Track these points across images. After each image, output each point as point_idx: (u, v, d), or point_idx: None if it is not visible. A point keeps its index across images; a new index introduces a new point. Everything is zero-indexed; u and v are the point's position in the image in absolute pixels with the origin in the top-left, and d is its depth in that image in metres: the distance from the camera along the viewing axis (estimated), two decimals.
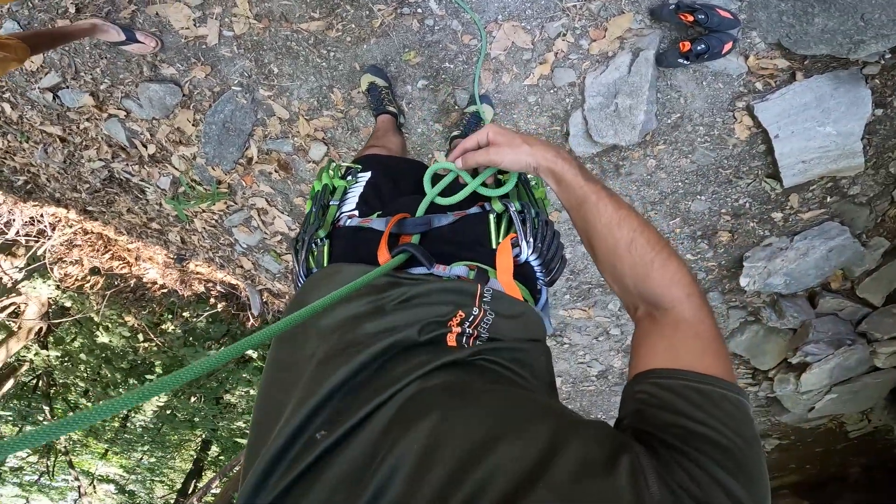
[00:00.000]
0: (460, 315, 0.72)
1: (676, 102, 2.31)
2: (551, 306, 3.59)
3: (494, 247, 0.91)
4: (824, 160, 2.32)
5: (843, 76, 2.14)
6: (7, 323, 6.98)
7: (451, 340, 0.69)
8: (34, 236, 4.68)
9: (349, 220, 1.03)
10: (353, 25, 2.24)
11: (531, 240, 0.91)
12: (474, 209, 0.98)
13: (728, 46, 2.03)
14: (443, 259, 0.86)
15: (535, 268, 0.95)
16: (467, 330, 0.71)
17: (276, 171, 2.92)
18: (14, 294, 6.33)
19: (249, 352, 6.00)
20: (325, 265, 0.95)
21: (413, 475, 0.47)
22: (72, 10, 2.33)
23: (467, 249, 0.90)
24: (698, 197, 2.66)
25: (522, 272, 0.91)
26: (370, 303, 0.76)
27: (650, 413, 0.56)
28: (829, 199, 2.59)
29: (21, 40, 1.83)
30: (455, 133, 2.44)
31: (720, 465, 0.47)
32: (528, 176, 1.09)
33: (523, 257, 0.91)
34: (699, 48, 1.99)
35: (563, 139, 2.47)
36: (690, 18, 1.97)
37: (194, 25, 2.34)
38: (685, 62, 2.09)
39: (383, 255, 0.87)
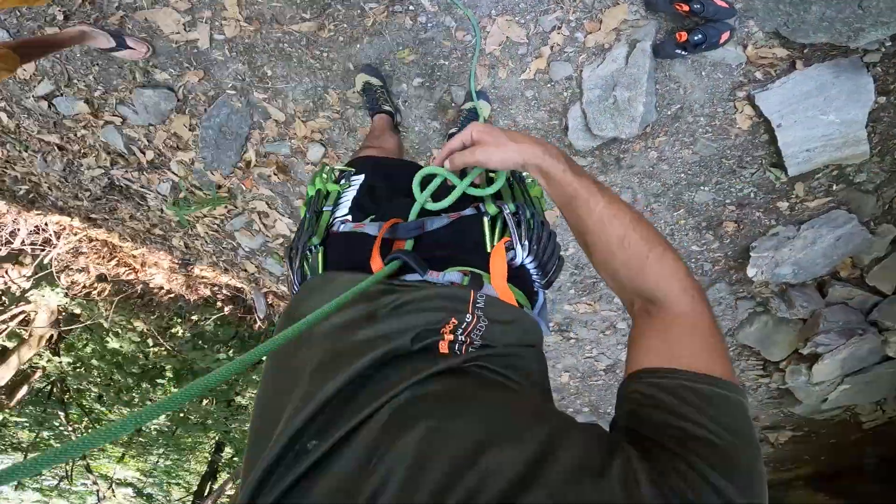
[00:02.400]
0: (453, 322, 0.71)
1: (676, 93, 2.27)
2: (553, 303, 3.56)
3: (489, 250, 0.89)
4: (828, 148, 2.28)
5: (843, 64, 2.11)
6: (18, 331, 7.05)
7: (444, 348, 0.68)
8: (40, 245, 4.71)
9: (342, 226, 1.01)
10: (346, 25, 2.21)
11: (526, 242, 0.89)
12: (469, 210, 0.96)
13: (725, 36, 2.00)
14: (436, 265, 0.84)
15: (531, 270, 0.93)
16: (460, 337, 0.69)
17: (274, 174, 2.91)
18: (23, 303, 6.38)
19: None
20: (321, 272, 0.94)
21: (407, 481, 0.47)
22: (60, 17, 2.31)
23: (463, 253, 0.89)
24: (702, 188, 2.62)
25: (518, 275, 0.90)
26: (363, 310, 0.74)
27: (644, 413, 0.55)
28: (834, 188, 2.54)
29: (10, 49, 1.81)
30: (452, 130, 2.41)
31: (714, 467, 0.46)
32: (524, 173, 1.06)
33: (518, 260, 0.90)
34: (696, 38, 1.96)
35: (563, 133, 2.44)
36: (686, 8, 1.94)
37: (184, 30, 2.31)
38: (683, 53, 2.06)
39: (376, 262, 0.86)
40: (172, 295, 5.39)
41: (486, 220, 0.92)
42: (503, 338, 0.72)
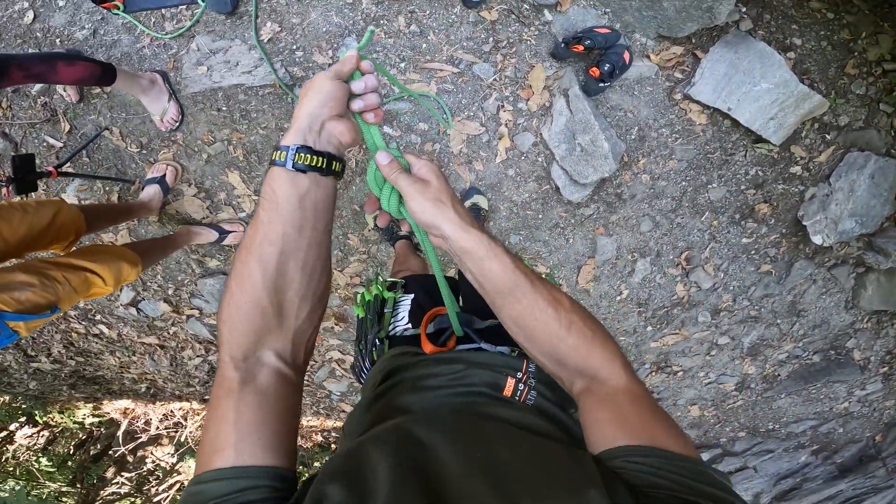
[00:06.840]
0: (510, 378, 0.87)
1: (627, 118, 2.38)
2: (637, 347, 3.44)
3: None
4: (787, 110, 2.27)
5: (731, 40, 2.18)
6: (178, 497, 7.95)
7: (508, 390, 0.85)
8: (173, 427, 5.35)
9: (405, 332, 1.19)
10: None
11: None
12: None
13: (626, 55, 2.12)
14: (486, 340, 1.01)
15: None
16: (520, 386, 0.86)
17: (335, 325, 3.21)
18: (176, 474, 7.19)
19: None
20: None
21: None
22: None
23: (509, 339, 1.05)
24: (710, 186, 2.62)
25: None
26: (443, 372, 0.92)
27: (646, 483, 0.56)
28: (829, 136, 2.48)
29: (136, 252, 2.01)
30: None
31: None
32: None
33: None
34: (606, 68, 2.10)
35: (557, 194, 2.56)
36: (580, 48, 2.10)
37: (210, 213, 2.61)
38: (605, 84, 2.19)
39: (427, 346, 1.03)
40: None
41: None
42: (548, 398, 0.87)
